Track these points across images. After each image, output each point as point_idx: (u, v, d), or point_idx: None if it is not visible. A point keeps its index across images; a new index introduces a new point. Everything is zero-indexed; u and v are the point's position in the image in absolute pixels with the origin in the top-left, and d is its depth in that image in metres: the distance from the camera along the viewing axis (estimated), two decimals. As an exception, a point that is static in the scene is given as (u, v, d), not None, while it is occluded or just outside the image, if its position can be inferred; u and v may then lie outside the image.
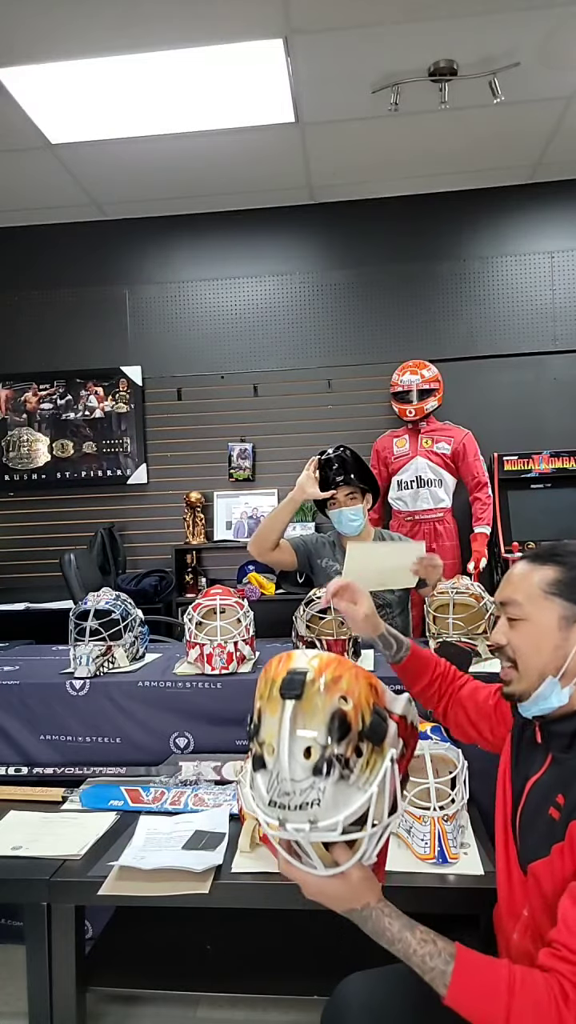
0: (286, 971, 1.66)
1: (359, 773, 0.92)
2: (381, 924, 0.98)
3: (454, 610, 2.05)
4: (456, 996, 0.93)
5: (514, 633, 1.14)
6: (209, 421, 4.44)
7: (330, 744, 0.90)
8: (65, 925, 1.50)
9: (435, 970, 0.95)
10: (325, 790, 0.89)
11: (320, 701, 0.91)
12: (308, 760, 0.90)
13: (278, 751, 0.90)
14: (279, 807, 0.91)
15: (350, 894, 0.98)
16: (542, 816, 1.07)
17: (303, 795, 0.89)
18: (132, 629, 2.17)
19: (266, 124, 3.50)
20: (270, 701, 0.94)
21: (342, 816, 0.90)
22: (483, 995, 0.92)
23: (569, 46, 3.01)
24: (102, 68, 3.03)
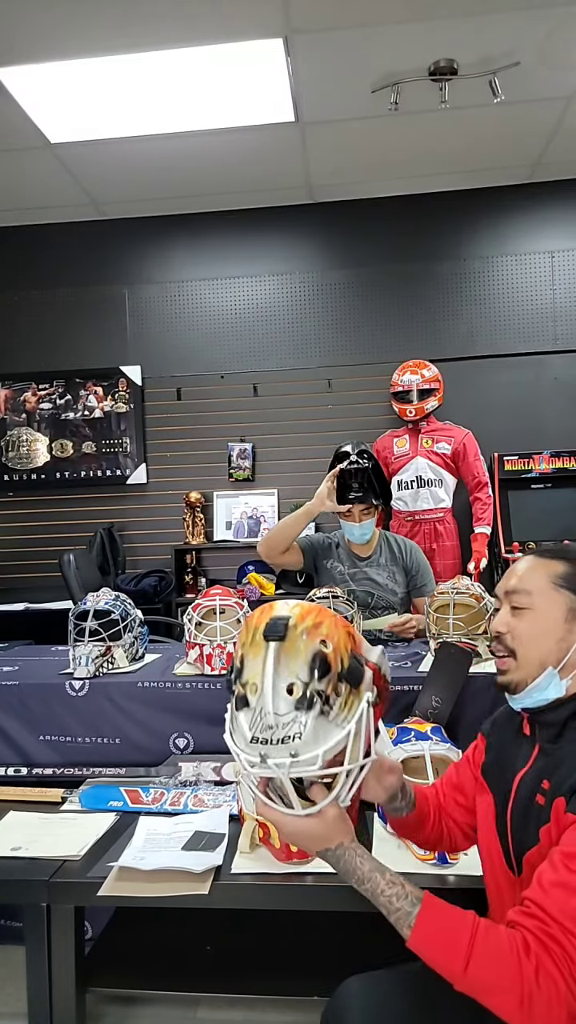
0: (286, 972, 1.65)
1: (338, 711, 0.97)
2: (352, 863, 1.01)
3: (454, 610, 2.05)
4: (419, 938, 0.94)
5: (517, 622, 1.14)
6: (209, 421, 4.44)
7: (312, 681, 0.95)
8: (65, 926, 1.49)
9: (400, 911, 0.96)
10: (306, 724, 0.94)
11: (302, 644, 0.96)
12: (291, 696, 0.94)
13: (262, 687, 0.95)
14: (261, 743, 0.95)
15: (325, 833, 1.01)
16: (532, 806, 1.08)
17: (285, 728, 0.94)
18: (132, 629, 2.17)
19: (266, 124, 3.50)
20: (253, 645, 0.98)
21: (321, 750, 0.94)
22: (445, 940, 0.93)
23: (569, 46, 3.00)
24: (101, 67, 3.03)
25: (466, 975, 0.91)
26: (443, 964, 0.93)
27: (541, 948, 0.90)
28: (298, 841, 1.04)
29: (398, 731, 1.68)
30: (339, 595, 2.15)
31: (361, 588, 2.58)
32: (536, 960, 0.89)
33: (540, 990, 0.88)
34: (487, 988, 0.90)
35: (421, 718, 1.80)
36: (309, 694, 0.94)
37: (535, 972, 0.88)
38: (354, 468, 2.48)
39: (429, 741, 1.63)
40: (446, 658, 1.88)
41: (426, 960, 0.95)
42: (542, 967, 0.89)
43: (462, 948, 0.91)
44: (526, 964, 0.89)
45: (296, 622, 0.97)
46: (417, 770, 1.57)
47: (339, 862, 1.02)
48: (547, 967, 0.89)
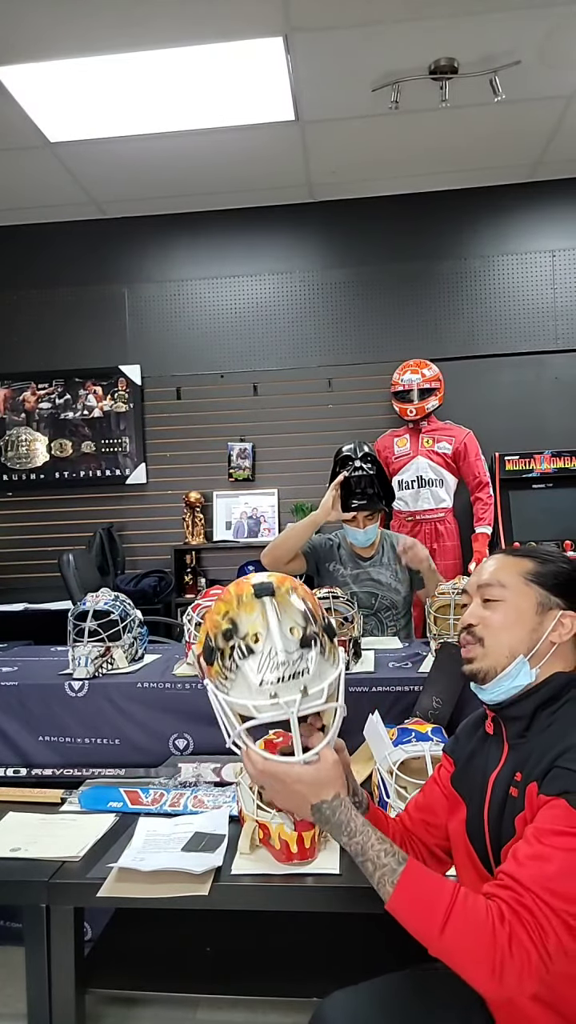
0: (286, 973, 1.65)
1: (329, 653, 1.10)
2: (348, 814, 1.06)
3: (455, 611, 2.04)
4: (400, 896, 0.97)
5: (489, 613, 1.17)
6: (208, 420, 4.43)
7: (308, 624, 1.08)
8: (64, 927, 1.49)
9: (387, 867, 0.99)
10: (312, 660, 1.05)
11: (291, 598, 1.09)
12: (293, 636, 1.05)
13: (269, 631, 1.04)
14: (271, 683, 1.03)
15: (326, 779, 1.07)
16: (507, 801, 1.09)
17: (295, 665, 1.04)
18: (131, 630, 2.16)
19: (266, 122, 3.49)
20: (244, 605, 1.08)
21: (326, 684, 1.06)
22: (426, 900, 0.96)
23: (569, 45, 3.00)
24: (101, 66, 3.02)
25: (442, 938, 0.93)
26: (420, 924, 0.95)
27: (514, 917, 0.92)
28: (300, 790, 1.07)
29: (399, 732, 1.67)
30: (339, 595, 2.15)
31: (364, 589, 2.57)
32: (509, 928, 0.91)
33: (512, 958, 0.89)
34: (460, 953, 0.92)
35: (422, 719, 1.79)
36: (309, 634, 1.06)
37: (508, 940, 0.90)
38: (358, 475, 2.46)
39: (430, 742, 1.62)
40: (447, 658, 1.87)
41: (404, 920, 0.97)
42: (515, 936, 0.90)
43: (441, 910, 0.94)
44: (500, 932, 0.90)
45: (278, 584, 1.09)
46: (418, 771, 1.57)
47: (334, 813, 1.06)
48: (519, 936, 0.90)
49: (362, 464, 2.48)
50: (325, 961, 1.65)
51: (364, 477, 2.46)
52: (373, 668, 2.04)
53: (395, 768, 1.56)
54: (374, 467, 2.49)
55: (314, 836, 1.44)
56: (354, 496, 2.46)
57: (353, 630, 2.06)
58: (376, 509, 2.48)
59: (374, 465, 2.50)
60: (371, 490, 2.46)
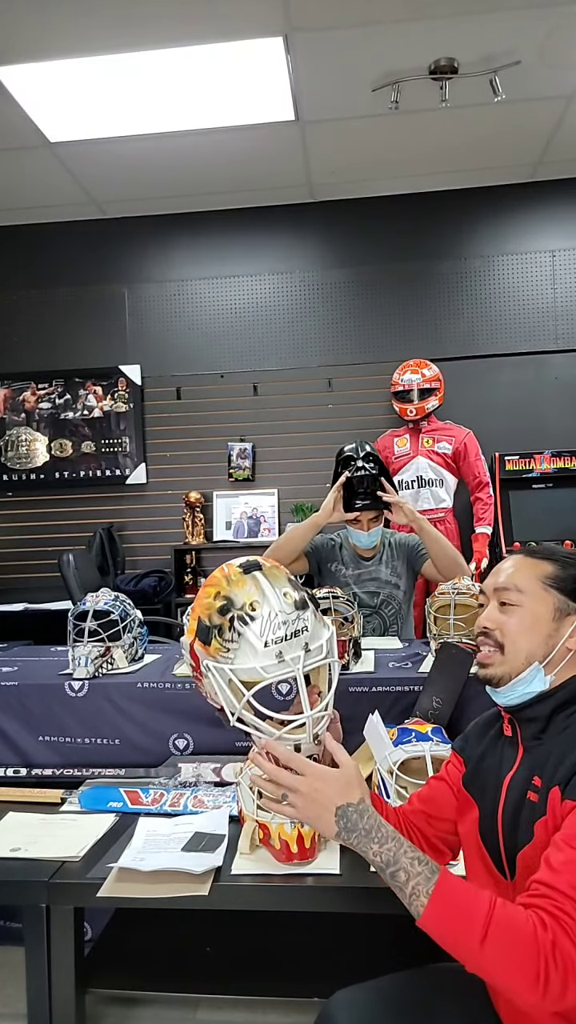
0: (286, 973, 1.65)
1: (318, 615, 1.18)
2: (377, 820, 1.02)
3: (455, 611, 2.04)
4: (437, 907, 0.93)
5: (506, 618, 1.15)
6: (208, 420, 4.43)
7: (297, 590, 1.15)
8: (64, 927, 1.49)
9: (421, 876, 0.95)
10: (309, 619, 1.12)
11: (277, 571, 1.17)
12: (288, 599, 1.12)
13: (267, 598, 1.11)
14: (275, 643, 1.08)
15: (352, 780, 1.06)
16: (524, 805, 1.07)
17: (295, 624, 1.10)
18: (131, 630, 2.16)
19: (266, 122, 3.49)
20: (235, 583, 1.14)
21: (324, 640, 1.13)
22: (464, 910, 0.91)
23: (569, 45, 3.00)
24: (101, 66, 3.02)
25: (483, 949, 0.88)
26: (459, 936, 0.90)
27: (556, 924, 0.88)
28: (321, 792, 1.04)
29: (399, 732, 1.67)
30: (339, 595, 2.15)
31: (366, 590, 2.57)
32: (552, 935, 0.87)
33: (556, 966, 0.85)
34: (503, 963, 0.88)
35: (422, 719, 1.79)
36: (301, 597, 1.13)
37: (552, 948, 0.86)
38: (361, 475, 2.43)
39: (430, 742, 1.62)
40: (447, 659, 1.87)
41: (438, 932, 0.92)
42: (559, 943, 0.86)
43: (480, 920, 0.89)
44: (543, 939, 0.87)
45: (262, 562, 1.17)
46: (418, 771, 1.57)
47: (362, 818, 1.02)
48: (563, 943, 0.87)
49: (364, 464, 2.46)
50: (325, 961, 1.65)
51: (366, 477, 2.44)
52: (373, 668, 2.04)
53: (395, 768, 1.56)
54: (376, 467, 2.47)
55: (314, 836, 1.44)
56: (356, 496, 2.45)
57: (353, 630, 2.06)
58: (379, 509, 2.47)
59: (376, 465, 2.48)
60: (375, 490, 2.45)
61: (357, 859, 1.43)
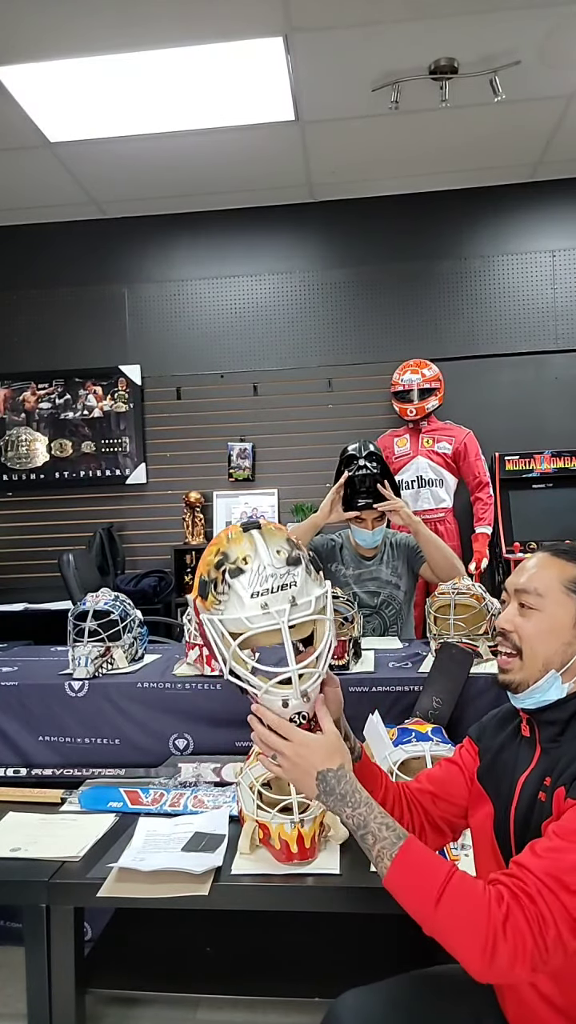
0: (286, 973, 1.65)
1: (315, 576, 1.15)
2: (354, 784, 1.06)
3: (455, 611, 2.04)
4: (397, 870, 0.97)
5: (525, 622, 1.13)
6: (208, 420, 4.43)
7: (293, 548, 1.13)
8: (64, 927, 1.49)
9: (387, 840, 1.00)
10: (299, 575, 1.10)
11: (276, 531, 1.15)
12: (280, 556, 1.11)
13: (257, 551, 1.10)
14: (261, 594, 1.08)
15: (333, 747, 1.08)
16: (535, 805, 1.07)
17: (283, 578, 1.09)
18: (131, 630, 2.16)
19: (266, 122, 3.49)
20: (234, 539, 1.13)
21: (313, 596, 1.11)
22: (422, 875, 0.96)
23: (569, 45, 3.00)
24: (101, 66, 3.02)
25: (436, 912, 0.93)
26: (415, 898, 0.95)
27: (514, 901, 0.91)
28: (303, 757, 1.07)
29: (399, 732, 1.67)
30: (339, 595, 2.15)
31: (366, 589, 2.57)
32: (506, 911, 0.90)
33: (505, 940, 0.88)
34: (453, 928, 0.92)
35: (422, 719, 1.79)
36: (295, 555, 1.11)
37: (503, 922, 0.89)
38: (363, 475, 2.43)
39: (430, 742, 1.62)
40: (447, 659, 1.87)
41: (399, 893, 0.98)
42: (511, 918, 0.89)
43: (436, 885, 0.94)
44: (495, 912, 0.90)
45: (265, 523, 1.16)
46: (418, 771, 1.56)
47: (340, 782, 1.05)
48: (516, 919, 0.89)
49: (367, 463, 2.46)
50: (325, 961, 1.65)
51: (368, 476, 2.44)
52: (373, 668, 2.04)
53: (395, 768, 1.56)
54: (379, 466, 2.48)
55: (314, 836, 1.44)
56: (359, 495, 2.45)
57: (353, 630, 2.06)
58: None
59: (379, 464, 2.48)
60: (375, 489, 2.44)
61: (357, 859, 1.43)
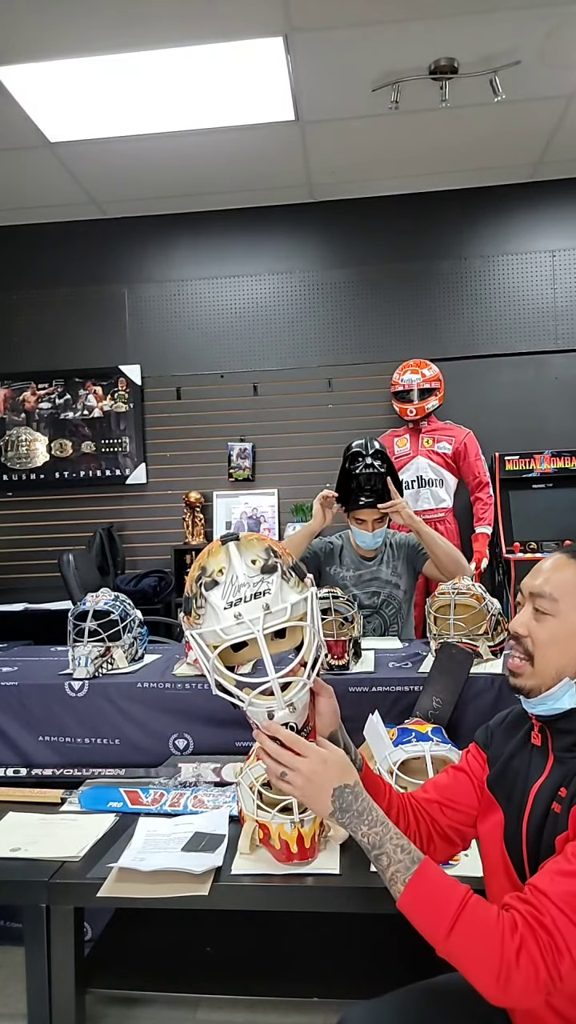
0: (286, 973, 1.65)
1: (294, 584, 1.11)
2: (369, 803, 1.03)
3: (455, 611, 2.04)
4: (412, 893, 0.96)
5: (538, 627, 1.10)
6: (208, 420, 4.43)
7: (270, 557, 1.10)
8: (64, 927, 1.49)
9: (402, 863, 0.98)
10: (273, 582, 1.07)
11: (255, 541, 1.12)
12: (255, 565, 1.09)
13: (231, 562, 1.08)
14: (235, 604, 1.06)
15: (347, 763, 1.06)
16: (548, 817, 1.05)
17: (256, 586, 1.07)
18: (131, 630, 2.16)
19: (266, 122, 3.49)
20: (212, 553, 1.12)
21: (289, 603, 1.08)
22: (437, 900, 0.95)
23: (569, 45, 3.00)
24: (101, 66, 3.02)
25: (448, 939, 0.92)
26: (429, 924, 0.94)
27: (528, 931, 0.90)
28: (319, 773, 1.04)
29: (399, 732, 1.67)
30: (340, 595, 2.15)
31: (367, 590, 2.56)
32: (520, 940, 0.89)
33: (519, 970, 0.88)
34: (466, 957, 0.91)
35: (422, 719, 1.79)
36: (271, 563, 1.09)
37: (516, 951, 0.89)
38: (368, 472, 2.40)
39: (430, 742, 1.62)
40: (447, 659, 1.87)
41: (413, 917, 0.96)
42: (525, 948, 0.89)
43: (451, 911, 0.93)
44: (508, 942, 0.89)
45: (245, 536, 1.13)
46: (418, 771, 1.57)
47: (356, 800, 1.03)
48: (530, 949, 0.89)
49: (372, 461, 2.43)
50: (325, 961, 1.65)
51: (375, 475, 2.41)
52: (373, 668, 2.04)
53: (395, 768, 1.56)
54: (384, 465, 2.45)
55: (314, 836, 1.44)
56: (362, 494, 2.42)
57: (353, 630, 2.06)
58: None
59: (384, 463, 2.46)
60: (380, 487, 2.42)
61: (357, 859, 1.43)
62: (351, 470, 2.44)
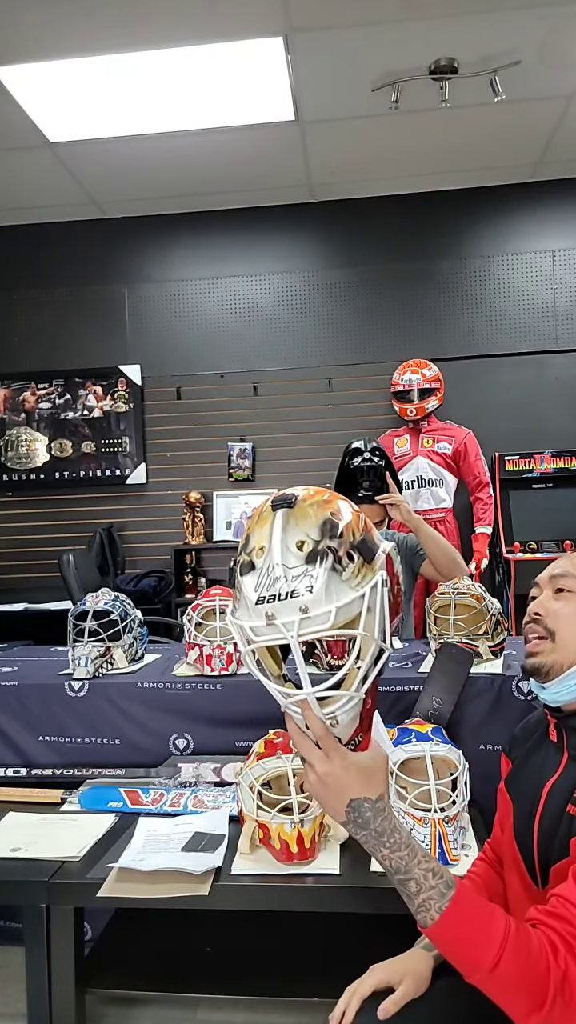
0: (286, 973, 1.65)
1: (351, 574, 0.87)
2: (392, 823, 0.90)
3: (455, 611, 2.04)
4: (449, 924, 0.87)
5: (562, 605, 1.10)
6: (208, 420, 4.43)
7: (323, 539, 0.87)
8: (64, 927, 1.49)
9: (434, 890, 0.87)
10: (317, 577, 0.84)
11: (312, 511, 0.89)
12: (301, 551, 0.86)
13: (270, 544, 0.87)
14: (267, 601, 0.85)
15: (373, 771, 0.90)
16: (563, 817, 1.04)
17: (295, 581, 0.84)
18: (131, 630, 2.16)
19: (266, 122, 3.49)
20: (260, 519, 0.90)
21: (334, 606, 0.84)
22: (479, 931, 0.86)
23: (569, 45, 3.00)
24: (101, 66, 3.02)
25: (493, 975, 0.85)
26: (467, 958, 0.87)
27: (569, 953, 0.86)
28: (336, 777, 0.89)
29: (399, 732, 1.67)
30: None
31: None
32: (564, 965, 0.85)
33: (563, 996, 0.84)
34: (511, 990, 0.86)
35: (422, 719, 1.79)
36: (321, 548, 0.85)
37: (562, 979, 0.85)
38: (366, 466, 2.42)
39: (430, 742, 1.62)
40: (447, 659, 1.87)
41: (447, 948, 0.88)
42: (570, 974, 0.85)
43: (494, 943, 0.85)
44: (554, 969, 0.85)
45: (306, 497, 0.91)
46: (418, 771, 1.57)
47: (376, 818, 0.89)
48: (573, 974, 0.85)
49: (371, 456, 2.45)
50: (325, 961, 1.65)
51: (372, 468, 2.43)
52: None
53: (395, 768, 1.56)
54: (383, 460, 2.48)
55: (314, 836, 1.45)
56: (360, 488, 2.44)
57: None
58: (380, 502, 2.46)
59: (383, 459, 2.48)
60: (379, 483, 2.44)
61: (357, 859, 1.43)
62: (349, 465, 2.45)
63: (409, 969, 1.07)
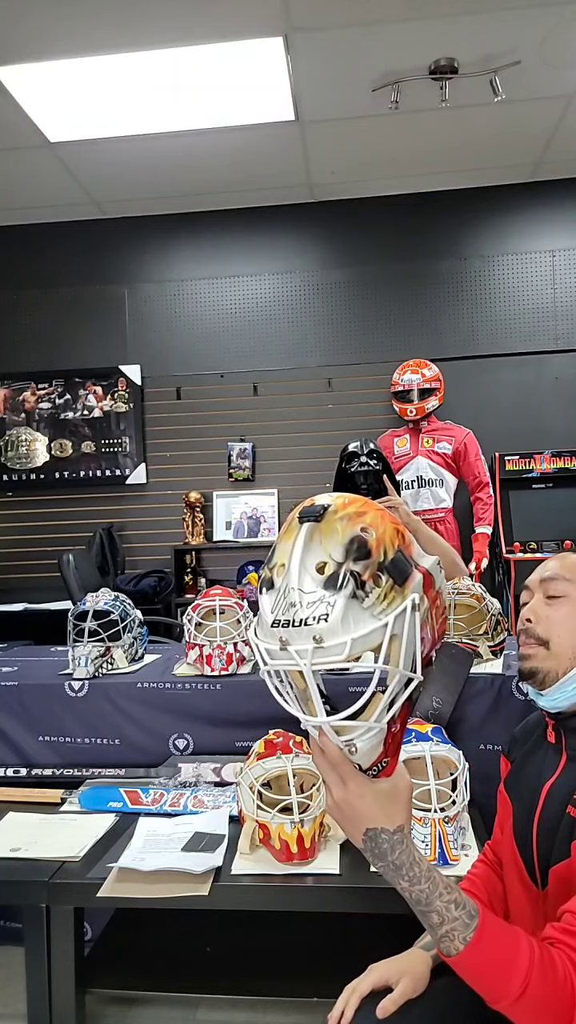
0: (286, 973, 1.65)
1: (375, 601, 0.80)
2: (412, 856, 0.86)
3: (455, 611, 2.04)
4: (474, 957, 0.85)
5: (552, 610, 1.09)
6: (208, 420, 4.43)
7: (346, 562, 0.80)
8: (64, 927, 1.49)
9: (458, 921, 0.85)
10: (335, 604, 0.78)
11: (340, 526, 0.82)
12: (320, 575, 0.80)
13: (289, 563, 0.81)
14: (282, 625, 0.80)
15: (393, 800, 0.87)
16: (562, 818, 1.04)
17: (310, 608, 0.79)
18: (131, 630, 2.16)
19: (266, 122, 3.49)
20: (288, 530, 0.85)
21: (350, 637, 0.79)
22: (503, 962, 0.85)
23: (569, 45, 3.00)
24: (101, 66, 3.02)
25: (519, 1003, 0.84)
26: (497, 985, 0.86)
27: None
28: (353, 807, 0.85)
29: (399, 732, 1.67)
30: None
31: None
32: None
33: None
34: (536, 1013, 0.85)
35: (422, 719, 1.79)
36: (342, 573, 0.79)
37: None
38: (364, 470, 2.42)
39: (430, 742, 1.62)
40: (447, 659, 1.87)
41: (472, 977, 0.87)
42: None
43: (521, 971, 0.84)
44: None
45: (337, 508, 0.84)
46: (418, 771, 1.57)
47: (393, 851, 0.85)
48: None
49: (367, 460, 2.46)
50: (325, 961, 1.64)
51: (370, 472, 2.44)
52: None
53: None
54: (379, 463, 2.48)
55: (314, 836, 1.45)
56: (358, 491, 2.44)
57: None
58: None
59: (380, 461, 2.48)
60: (377, 486, 2.44)
61: (357, 859, 1.43)
62: (347, 469, 2.45)
63: (408, 969, 1.08)
